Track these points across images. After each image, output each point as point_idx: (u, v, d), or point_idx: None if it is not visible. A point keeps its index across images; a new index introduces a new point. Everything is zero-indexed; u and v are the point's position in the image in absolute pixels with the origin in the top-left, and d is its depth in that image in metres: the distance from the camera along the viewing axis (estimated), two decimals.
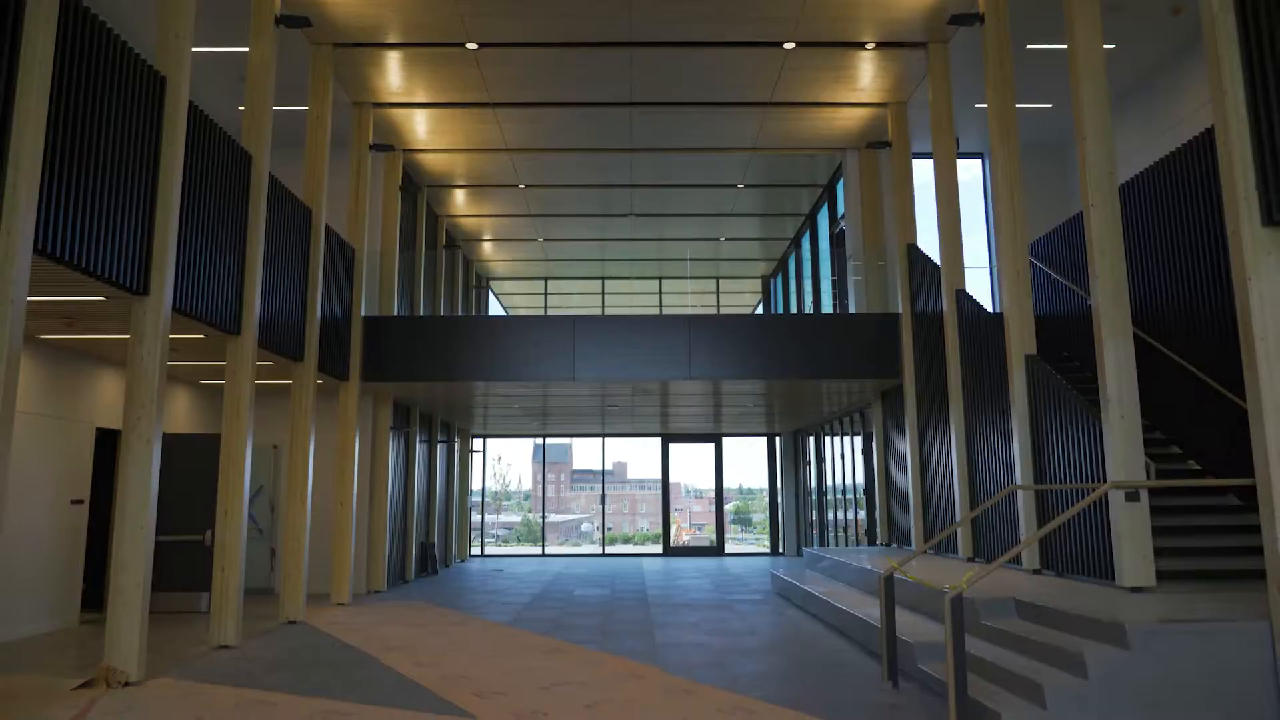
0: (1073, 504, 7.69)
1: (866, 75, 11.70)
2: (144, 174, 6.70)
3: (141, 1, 9.65)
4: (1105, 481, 7.10)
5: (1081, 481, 7.51)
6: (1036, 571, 8.22)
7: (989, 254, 13.91)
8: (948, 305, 10.25)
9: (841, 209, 14.85)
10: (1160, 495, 7.98)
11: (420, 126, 13.32)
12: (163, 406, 6.83)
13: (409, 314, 14.56)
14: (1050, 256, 11.41)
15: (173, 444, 10.59)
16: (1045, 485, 6.78)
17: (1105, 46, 10.94)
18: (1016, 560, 8.69)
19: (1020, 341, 8.47)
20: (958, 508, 9.95)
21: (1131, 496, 6.56)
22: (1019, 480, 8.32)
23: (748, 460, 22.65)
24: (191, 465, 10.70)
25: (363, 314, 12.03)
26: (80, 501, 9.73)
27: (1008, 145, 8.82)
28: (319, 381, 11.65)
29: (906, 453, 11.80)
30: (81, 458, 9.80)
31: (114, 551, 6.59)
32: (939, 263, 10.72)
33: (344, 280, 11.65)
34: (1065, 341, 11.04)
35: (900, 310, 11.96)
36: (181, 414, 12.40)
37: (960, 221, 10.45)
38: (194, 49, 10.61)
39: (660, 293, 23.44)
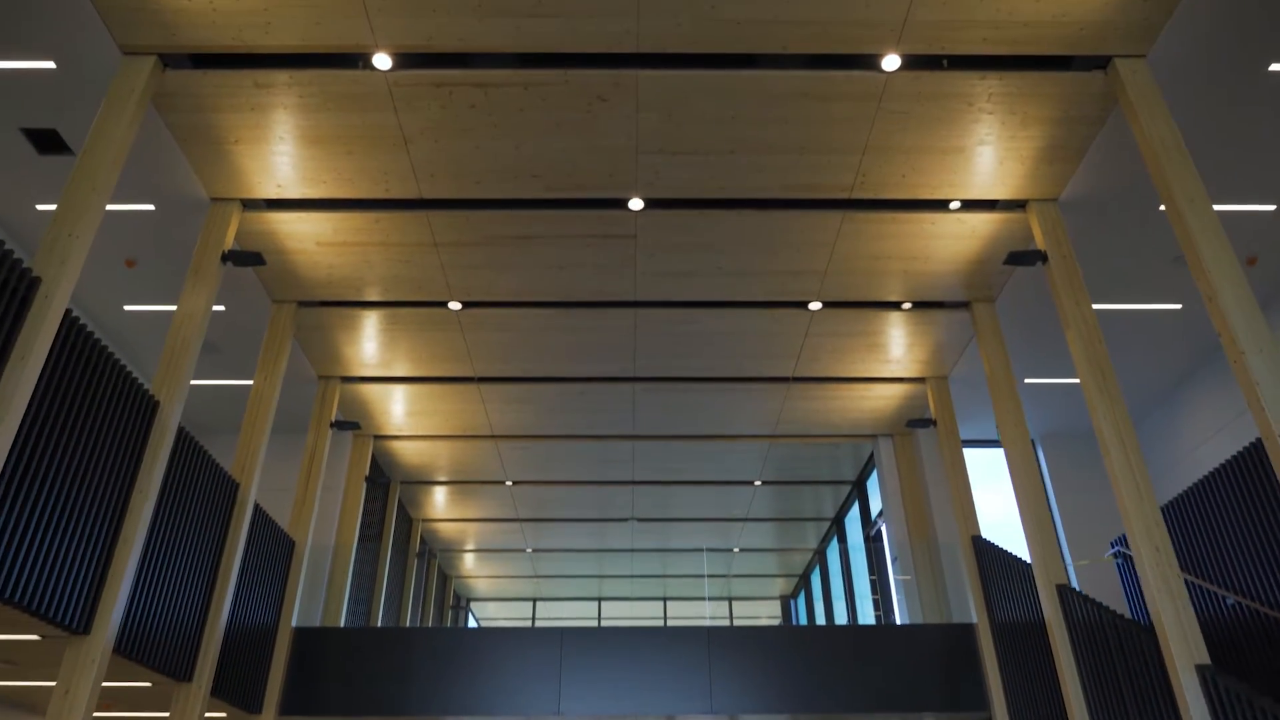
0: None
1: (902, 343, 10.34)
2: None
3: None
4: None
5: None
6: None
7: (1063, 550, 11.63)
8: (1050, 608, 7.85)
9: (877, 506, 12.84)
10: None
11: (395, 406, 11.74)
12: None
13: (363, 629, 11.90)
14: None
15: None
16: None
17: (1172, 306, 9.74)
18: None
19: (1186, 649, 6.03)
20: None
21: None
22: None
23: None
24: None
25: (294, 624, 9.50)
26: None
27: (1107, 391, 7.07)
28: (222, 716, 8.83)
29: None
30: None
31: None
32: (1016, 554, 8.52)
33: (275, 580, 9.30)
34: None
35: (974, 619, 9.49)
36: None
37: (1048, 503, 8.43)
38: (154, 307, 9.29)
39: (665, 617, 20.58)
